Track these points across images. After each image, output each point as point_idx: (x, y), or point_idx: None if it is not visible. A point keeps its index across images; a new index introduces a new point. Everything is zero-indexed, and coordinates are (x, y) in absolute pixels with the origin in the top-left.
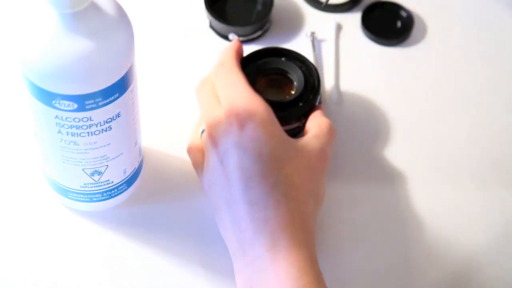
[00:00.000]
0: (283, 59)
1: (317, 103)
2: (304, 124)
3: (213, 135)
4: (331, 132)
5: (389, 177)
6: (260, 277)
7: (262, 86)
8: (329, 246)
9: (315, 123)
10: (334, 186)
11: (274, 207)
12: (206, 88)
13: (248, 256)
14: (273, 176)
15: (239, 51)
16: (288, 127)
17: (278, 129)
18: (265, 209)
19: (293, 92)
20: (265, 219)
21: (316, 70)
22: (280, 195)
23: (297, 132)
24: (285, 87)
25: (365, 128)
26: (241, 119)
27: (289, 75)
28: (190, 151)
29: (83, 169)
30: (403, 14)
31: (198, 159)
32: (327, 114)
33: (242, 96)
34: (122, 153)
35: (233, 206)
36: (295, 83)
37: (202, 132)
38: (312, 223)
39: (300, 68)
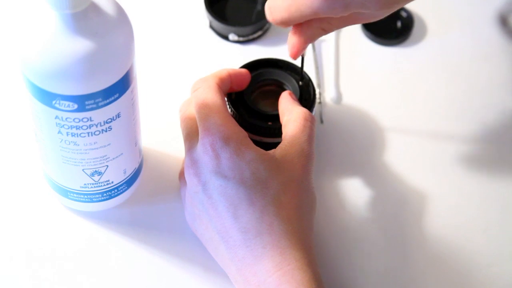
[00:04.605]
0: (279, 70)
1: (313, 114)
2: None
3: (192, 165)
4: (308, 124)
5: (388, 177)
6: None
7: (257, 97)
8: (329, 247)
9: (290, 119)
10: (333, 186)
11: (268, 232)
12: (188, 110)
13: (251, 282)
14: (260, 200)
15: (225, 77)
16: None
17: (254, 151)
18: (260, 235)
19: None
20: (262, 245)
21: (311, 81)
22: (271, 218)
23: None
24: None
25: (365, 128)
26: (216, 148)
27: (285, 87)
28: (179, 178)
29: (83, 169)
30: (403, 14)
31: (184, 187)
32: (325, 114)
33: (216, 120)
34: (122, 154)
35: (226, 235)
36: None
37: None
38: (310, 238)
39: (296, 79)
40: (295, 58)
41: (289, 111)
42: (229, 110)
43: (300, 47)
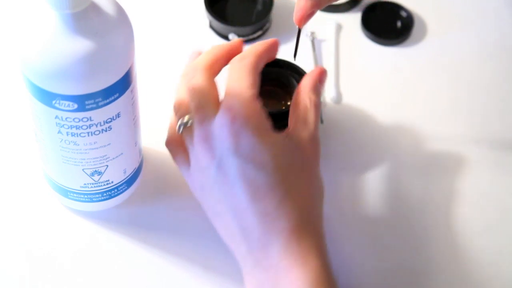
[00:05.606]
0: (280, 69)
1: None
2: None
3: (206, 139)
4: (317, 110)
5: (388, 177)
6: (273, 284)
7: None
8: (328, 247)
9: (300, 102)
10: (333, 186)
11: (286, 217)
12: (200, 80)
13: (261, 264)
14: (281, 186)
15: (271, 53)
16: None
17: (275, 135)
18: (278, 220)
19: (289, 103)
20: (278, 230)
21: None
22: (290, 203)
23: None
24: (281, 98)
25: (365, 128)
26: (236, 126)
27: (286, 86)
28: (169, 146)
29: (83, 169)
30: (403, 14)
31: (180, 155)
32: (325, 114)
33: (241, 99)
34: (122, 153)
35: (241, 215)
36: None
37: (181, 126)
38: (322, 226)
39: (297, 79)
40: (300, 24)
41: (304, 92)
42: None
43: (306, 12)
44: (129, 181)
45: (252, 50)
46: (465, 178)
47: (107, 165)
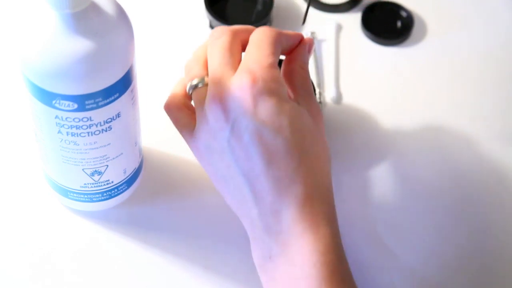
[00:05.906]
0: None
1: None
2: None
3: (221, 99)
4: (309, 75)
5: (388, 177)
6: (283, 250)
7: None
8: None
9: (293, 70)
10: (333, 186)
11: (302, 182)
12: (228, 39)
13: (271, 229)
14: (297, 152)
15: (295, 40)
16: None
17: (290, 101)
18: (293, 185)
19: None
20: (292, 195)
21: (311, 81)
22: (306, 169)
23: None
24: None
25: (365, 128)
26: (256, 90)
27: None
28: (169, 109)
29: (83, 169)
30: (403, 14)
31: (184, 119)
32: (325, 114)
33: (261, 62)
34: (122, 153)
35: (254, 180)
36: None
37: (193, 88)
38: (332, 193)
39: None
40: None
41: (297, 60)
42: None
43: None
44: (129, 181)
45: (278, 29)
46: (466, 177)
47: (107, 165)
